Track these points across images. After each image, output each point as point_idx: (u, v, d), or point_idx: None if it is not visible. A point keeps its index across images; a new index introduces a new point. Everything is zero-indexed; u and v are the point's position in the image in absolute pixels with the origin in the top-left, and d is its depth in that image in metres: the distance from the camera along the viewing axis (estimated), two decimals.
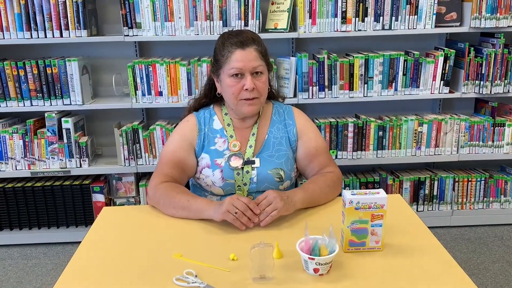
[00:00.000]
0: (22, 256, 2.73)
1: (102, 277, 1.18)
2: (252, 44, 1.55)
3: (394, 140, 2.76)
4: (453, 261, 1.21)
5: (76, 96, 2.62)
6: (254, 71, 1.54)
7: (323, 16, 2.57)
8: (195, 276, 1.15)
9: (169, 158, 1.61)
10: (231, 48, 1.54)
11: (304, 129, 1.69)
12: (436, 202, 2.91)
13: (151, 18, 2.54)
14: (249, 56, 1.53)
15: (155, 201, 1.54)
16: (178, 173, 1.60)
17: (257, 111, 1.62)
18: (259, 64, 1.55)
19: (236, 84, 1.54)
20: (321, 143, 1.69)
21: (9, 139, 2.67)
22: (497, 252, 2.67)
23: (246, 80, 1.53)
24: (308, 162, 1.66)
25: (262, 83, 1.56)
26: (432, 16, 2.60)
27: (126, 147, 2.68)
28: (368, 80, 2.66)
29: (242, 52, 1.53)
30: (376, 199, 1.20)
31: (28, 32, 2.54)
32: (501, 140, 2.80)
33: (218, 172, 1.60)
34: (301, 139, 1.68)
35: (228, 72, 1.55)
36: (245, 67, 1.53)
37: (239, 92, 1.55)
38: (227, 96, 1.60)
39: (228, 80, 1.55)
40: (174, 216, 1.49)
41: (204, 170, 1.62)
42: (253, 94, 1.54)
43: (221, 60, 1.57)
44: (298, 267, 1.18)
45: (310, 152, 1.66)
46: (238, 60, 1.52)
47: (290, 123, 1.69)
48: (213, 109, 1.70)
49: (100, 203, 2.78)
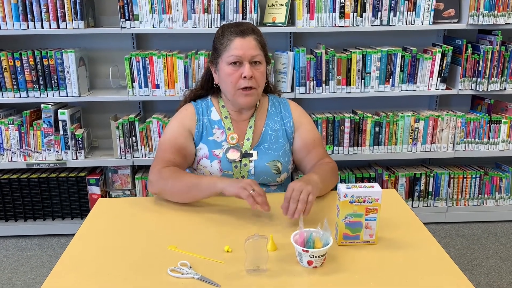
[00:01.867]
0: (17, 248, 2.73)
1: (96, 268, 1.18)
2: (251, 33, 1.56)
3: (391, 136, 2.76)
4: (446, 255, 1.22)
5: (72, 87, 2.61)
6: (253, 60, 1.54)
7: (321, 11, 2.57)
8: (189, 267, 1.16)
9: (169, 144, 1.59)
10: (230, 36, 1.55)
11: (301, 121, 1.70)
12: (431, 198, 2.92)
13: (148, 10, 2.53)
14: (248, 44, 1.54)
15: (160, 186, 1.50)
16: (180, 159, 1.58)
17: (254, 102, 1.62)
18: (258, 53, 1.55)
19: (234, 72, 1.55)
20: (317, 135, 1.71)
21: (4, 130, 2.66)
22: (491, 248, 2.68)
23: (245, 68, 1.53)
24: (305, 153, 1.67)
25: (260, 73, 1.57)
26: (430, 12, 2.60)
27: (123, 140, 2.68)
28: (365, 75, 2.66)
29: (242, 40, 1.54)
30: (370, 193, 1.21)
31: (25, 23, 2.52)
32: (496, 137, 2.81)
33: (216, 163, 1.60)
34: (298, 131, 1.68)
35: (227, 60, 1.55)
36: (244, 55, 1.53)
37: (237, 80, 1.55)
38: (225, 86, 1.60)
39: (226, 68, 1.55)
40: (181, 198, 1.47)
41: (202, 161, 1.62)
42: (251, 83, 1.54)
43: (220, 48, 1.57)
44: (292, 260, 1.18)
45: (308, 144, 1.67)
46: (238, 48, 1.53)
47: (286, 115, 1.69)
48: (211, 100, 1.70)
49: (95, 195, 2.78)
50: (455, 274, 1.14)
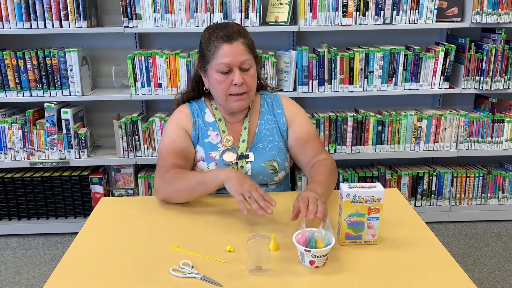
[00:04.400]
0: (21, 246, 2.74)
1: (98, 267, 1.18)
2: (238, 37, 1.51)
3: (393, 135, 2.76)
4: (448, 255, 1.22)
5: (75, 87, 2.62)
6: (242, 66, 1.51)
7: (324, 10, 2.56)
8: (191, 267, 1.16)
9: (169, 150, 1.58)
10: (217, 42, 1.50)
11: (294, 116, 1.67)
12: (434, 197, 2.91)
13: (151, 9, 2.53)
14: (236, 50, 1.49)
15: (166, 190, 1.48)
16: (182, 161, 1.57)
17: (246, 106, 1.61)
18: (247, 58, 1.52)
19: (224, 80, 1.52)
20: (312, 130, 1.67)
21: (8, 129, 2.67)
22: (494, 248, 2.67)
23: (235, 75, 1.50)
24: (300, 148, 1.64)
25: (250, 77, 1.54)
26: (433, 11, 2.59)
27: (125, 139, 2.68)
28: (368, 74, 2.66)
29: (229, 46, 1.49)
30: (373, 193, 1.20)
31: (28, 22, 2.53)
32: (500, 136, 2.80)
33: (213, 165, 1.60)
34: (291, 126, 1.66)
35: (216, 68, 1.51)
36: (233, 62, 1.49)
37: (228, 87, 1.52)
38: (216, 92, 1.57)
39: (216, 76, 1.52)
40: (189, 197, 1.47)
41: (199, 163, 1.62)
42: (242, 89, 1.52)
43: (207, 55, 1.53)
44: (295, 259, 1.18)
45: (301, 139, 1.64)
46: (226, 55, 1.49)
47: (279, 112, 1.67)
48: (204, 102, 1.68)
49: (98, 194, 2.79)
50: (458, 273, 1.14)
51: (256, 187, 1.36)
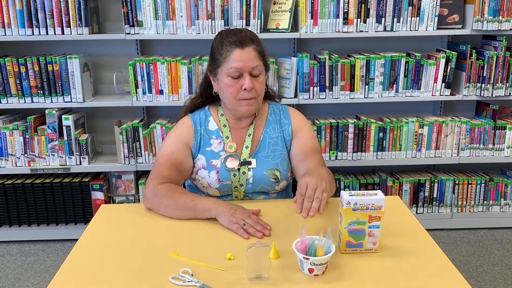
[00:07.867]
0: (21, 253, 2.73)
1: (98, 275, 1.18)
2: (251, 43, 1.53)
3: (395, 141, 2.75)
4: (449, 263, 1.21)
5: (76, 93, 2.63)
6: (253, 71, 1.52)
7: (324, 17, 2.57)
8: (191, 275, 1.15)
9: (166, 160, 1.59)
10: (230, 47, 1.52)
11: (300, 128, 1.67)
12: (436, 204, 2.90)
13: (152, 16, 2.54)
14: (248, 55, 1.51)
15: (154, 203, 1.50)
16: (176, 174, 1.58)
17: (254, 111, 1.61)
18: (257, 64, 1.53)
19: (234, 84, 1.53)
20: (316, 144, 1.67)
21: (9, 135, 2.67)
22: (496, 255, 2.66)
23: (245, 80, 1.51)
24: (301, 159, 1.62)
25: (259, 83, 1.55)
26: (434, 18, 2.60)
27: (126, 145, 2.68)
28: (369, 81, 2.66)
29: (241, 51, 1.51)
30: (374, 201, 1.20)
31: (30, 29, 2.54)
32: (501, 143, 2.79)
33: (214, 173, 1.60)
34: (295, 137, 1.66)
35: (226, 72, 1.53)
36: (244, 67, 1.51)
37: (237, 92, 1.53)
38: (225, 96, 1.58)
39: (226, 80, 1.54)
40: (176, 217, 1.47)
41: (200, 172, 1.62)
42: (251, 94, 1.53)
43: (219, 59, 1.55)
44: (295, 268, 1.17)
45: (304, 151, 1.63)
46: (238, 60, 1.50)
47: (285, 122, 1.67)
48: (209, 110, 1.68)
49: (99, 200, 2.78)
50: (459, 282, 1.13)
51: (248, 214, 1.38)
